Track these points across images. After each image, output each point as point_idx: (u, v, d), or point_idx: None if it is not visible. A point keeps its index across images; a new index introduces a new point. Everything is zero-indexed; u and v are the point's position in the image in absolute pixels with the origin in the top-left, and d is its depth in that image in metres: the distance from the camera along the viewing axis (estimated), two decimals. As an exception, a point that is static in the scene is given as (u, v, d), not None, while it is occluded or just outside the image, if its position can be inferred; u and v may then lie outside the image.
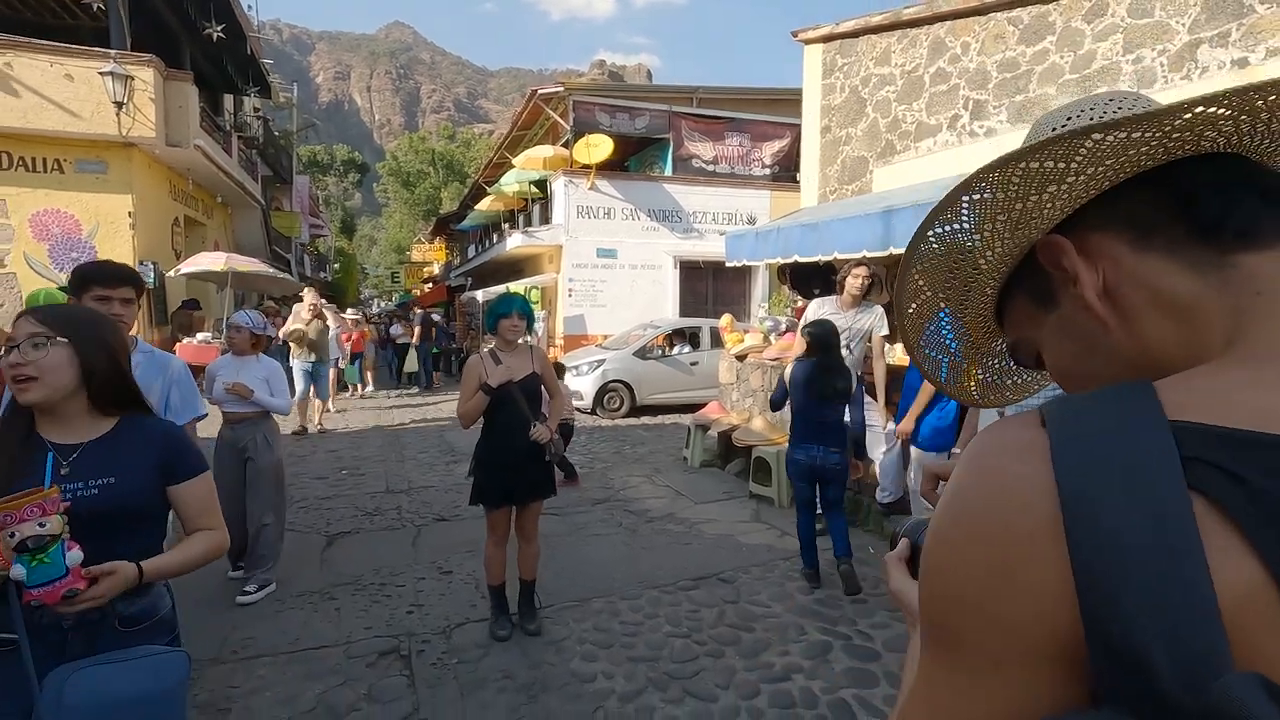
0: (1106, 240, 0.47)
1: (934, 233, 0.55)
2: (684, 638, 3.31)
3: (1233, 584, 0.32)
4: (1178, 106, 0.42)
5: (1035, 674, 0.37)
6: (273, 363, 4.04)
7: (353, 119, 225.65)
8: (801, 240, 5.74)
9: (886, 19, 6.38)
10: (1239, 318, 0.43)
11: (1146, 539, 0.33)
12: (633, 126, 14.96)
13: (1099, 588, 0.34)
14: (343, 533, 4.86)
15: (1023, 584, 0.37)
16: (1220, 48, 4.03)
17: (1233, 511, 0.33)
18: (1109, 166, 0.45)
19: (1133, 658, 0.32)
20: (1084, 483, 0.36)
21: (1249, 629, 0.31)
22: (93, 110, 9.34)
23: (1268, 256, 0.43)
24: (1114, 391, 0.40)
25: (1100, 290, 0.47)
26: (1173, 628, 0.32)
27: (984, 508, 0.39)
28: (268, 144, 18.88)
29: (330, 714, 2.68)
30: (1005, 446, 0.40)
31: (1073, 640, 0.35)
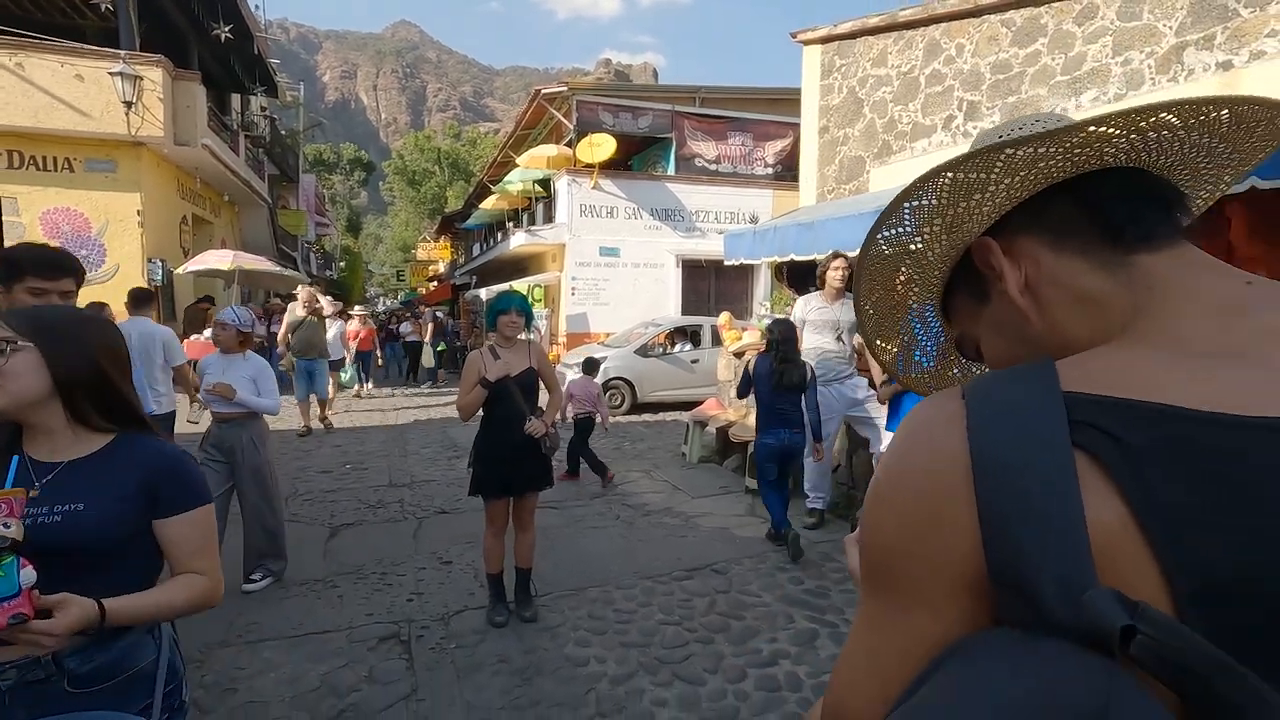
0: (1029, 242, 0.54)
1: (883, 235, 0.61)
2: (675, 625, 3.40)
3: (1104, 522, 0.39)
4: (1075, 125, 0.49)
5: (954, 605, 0.44)
6: (260, 361, 3.91)
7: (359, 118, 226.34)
8: (798, 239, 5.82)
9: (883, 21, 6.45)
10: (1134, 309, 0.49)
11: (1035, 487, 0.40)
12: (636, 126, 15.05)
13: (997, 528, 0.41)
14: (346, 524, 4.97)
15: (944, 529, 0.44)
16: (1206, 50, 4.10)
17: (1107, 464, 0.40)
18: (1024, 177, 0.52)
19: (1022, 583, 0.40)
20: (989, 444, 0.43)
21: (1115, 557, 0.38)
22: (102, 110, 9.49)
23: (1160, 256, 0.50)
24: (1021, 369, 0.47)
25: (1022, 286, 0.53)
26: (1052, 557, 0.39)
27: (912, 468, 0.47)
28: (274, 143, 19.06)
29: (333, 694, 2.79)
30: (930, 417, 0.48)
31: (980, 574, 0.42)
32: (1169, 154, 0.54)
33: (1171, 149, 0.53)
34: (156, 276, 10.22)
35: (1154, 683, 0.35)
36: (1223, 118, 0.51)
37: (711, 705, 2.74)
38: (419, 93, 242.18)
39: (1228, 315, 0.47)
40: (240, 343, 3.90)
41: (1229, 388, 0.41)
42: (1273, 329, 0.44)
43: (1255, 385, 0.41)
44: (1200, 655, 0.34)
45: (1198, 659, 0.34)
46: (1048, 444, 0.41)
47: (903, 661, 0.46)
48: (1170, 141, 0.52)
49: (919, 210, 0.57)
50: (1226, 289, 0.49)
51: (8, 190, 9.42)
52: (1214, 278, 0.50)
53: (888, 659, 0.48)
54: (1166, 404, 0.40)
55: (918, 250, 0.61)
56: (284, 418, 9.25)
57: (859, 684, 0.50)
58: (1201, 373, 0.43)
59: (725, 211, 15.00)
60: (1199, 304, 0.48)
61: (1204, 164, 0.56)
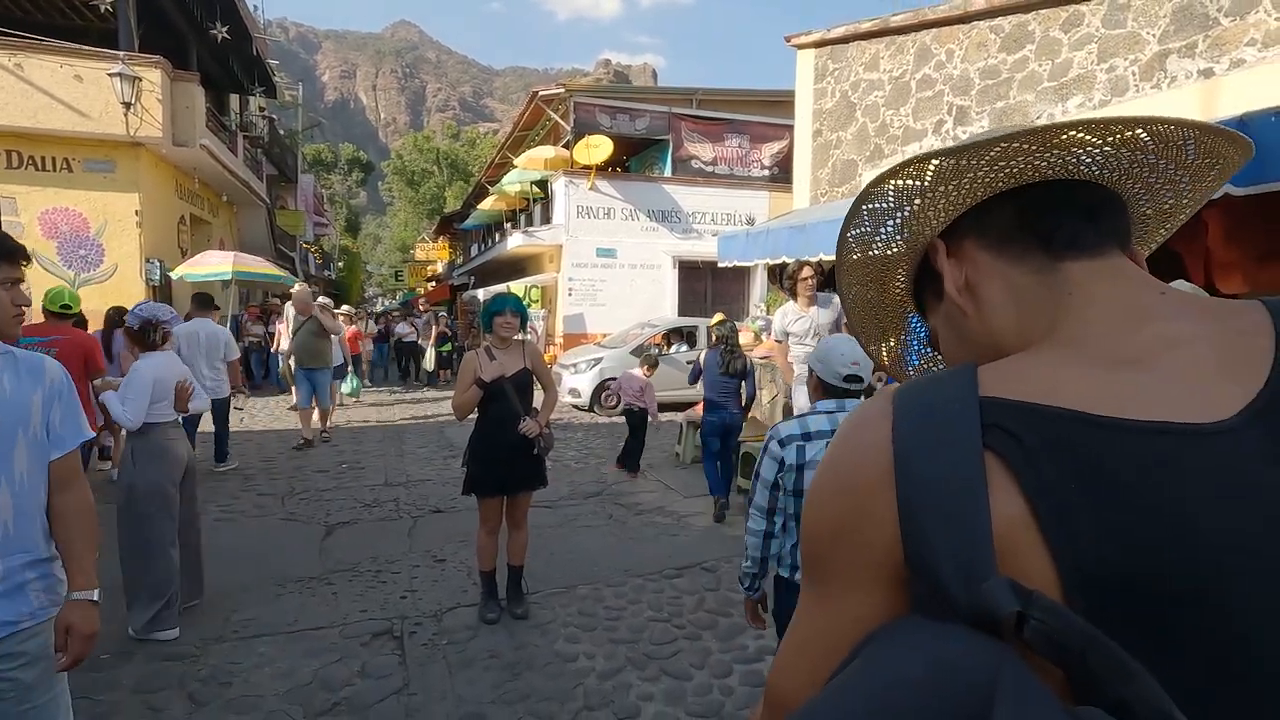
0: (972, 245, 0.58)
1: (851, 234, 0.65)
2: (664, 622, 3.46)
3: (1006, 516, 0.42)
4: (988, 141, 0.53)
5: (876, 593, 0.48)
6: (137, 365, 3.31)
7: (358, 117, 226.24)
8: (790, 241, 5.88)
9: (875, 26, 6.52)
10: (1054, 311, 0.53)
11: (947, 485, 0.44)
12: (633, 127, 15.12)
13: (913, 522, 0.45)
14: (341, 523, 5.02)
15: (868, 523, 0.48)
16: (1188, 58, 4.17)
17: (1010, 463, 0.43)
18: (957, 186, 0.56)
19: (931, 571, 0.43)
20: (909, 444, 0.47)
21: (1015, 548, 0.42)
22: (101, 110, 9.53)
23: (1085, 264, 0.53)
24: (946, 374, 0.51)
25: (961, 285, 0.58)
26: (957, 547, 0.42)
27: (844, 466, 0.51)
28: (273, 143, 19.09)
29: (326, 688, 2.84)
30: (862, 419, 0.52)
31: (899, 565, 0.46)
32: (1112, 169, 0.56)
33: (1112, 164, 0.56)
34: (154, 277, 10.27)
35: (1041, 662, 0.37)
36: (1140, 136, 0.54)
37: (697, 700, 2.80)
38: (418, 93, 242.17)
39: (1133, 323, 0.50)
40: (136, 342, 3.40)
41: (1119, 392, 0.45)
42: (1168, 337, 0.48)
43: (1141, 390, 0.45)
44: (1077, 633, 0.37)
45: (1075, 637, 0.37)
46: (961, 445, 0.45)
47: (831, 646, 0.49)
48: (1105, 157, 0.55)
49: (874, 212, 0.62)
50: (1136, 298, 0.52)
51: (6, 190, 9.48)
52: (1128, 287, 0.53)
53: (817, 644, 0.51)
54: (1063, 407, 0.44)
55: (878, 250, 0.65)
56: (280, 418, 9.31)
57: (792, 668, 0.54)
58: (1098, 378, 0.46)
59: (722, 213, 15.07)
60: (1109, 311, 0.51)
61: (1153, 178, 0.59)
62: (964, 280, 0.58)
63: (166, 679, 2.89)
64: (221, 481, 6.00)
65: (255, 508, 5.34)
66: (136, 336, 3.37)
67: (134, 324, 3.36)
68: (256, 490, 5.82)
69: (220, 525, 4.93)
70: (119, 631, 3.22)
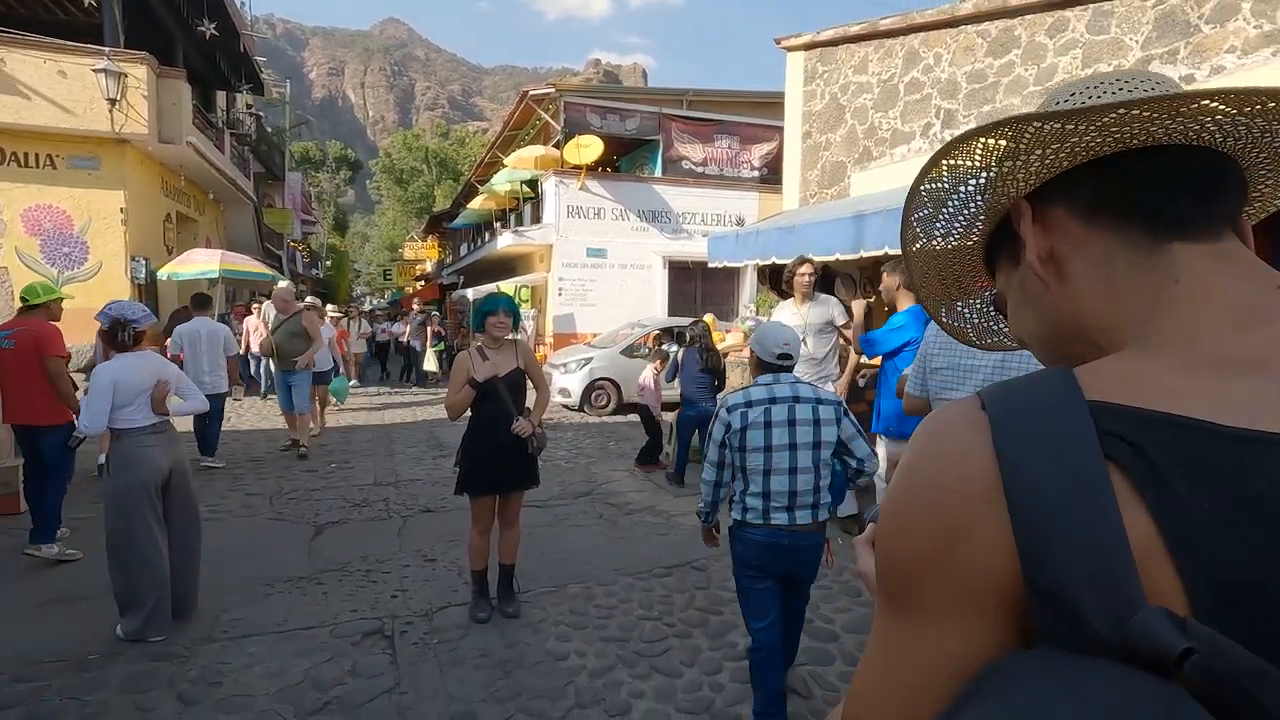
0: (1061, 212, 0.52)
1: (925, 188, 0.61)
2: (654, 620, 3.49)
3: (1136, 535, 0.38)
4: (1104, 106, 0.47)
5: (980, 622, 0.42)
6: (97, 370, 3.27)
7: (346, 115, 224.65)
8: (780, 242, 5.93)
9: (864, 29, 6.57)
10: (1156, 300, 0.47)
11: (1073, 499, 0.39)
12: (623, 128, 15.13)
13: (1035, 542, 0.39)
14: (331, 523, 5.01)
15: (974, 543, 0.42)
16: (1170, 64, 4.25)
17: (1132, 475, 0.39)
18: (1058, 150, 0.50)
19: (1064, 599, 0.38)
20: (1019, 453, 0.41)
21: (1147, 571, 0.37)
22: (86, 106, 9.43)
23: (1194, 249, 0.48)
24: (1042, 375, 0.46)
25: (1045, 254, 0.53)
26: (1097, 572, 0.37)
27: (935, 477, 0.45)
28: (260, 141, 18.94)
29: (317, 687, 2.84)
30: (951, 424, 0.46)
31: (1013, 589, 0.41)
32: (1239, 137, 0.50)
33: (1240, 132, 0.49)
34: (139, 275, 10.17)
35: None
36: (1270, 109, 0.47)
37: (687, 696, 2.83)
38: (407, 91, 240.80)
39: (1248, 320, 0.45)
40: (108, 342, 3.36)
41: (1243, 400, 0.40)
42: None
43: (1268, 398, 0.40)
44: (1247, 670, 0.33)
45: (1246, 675, 0.33)
46: (1082, 457, 0.40)
47: (927, 679, 0.44)
48: (1234, 124, 0.48)
49: (954, 169, 0.57)
50: (1253, 292, 0.47)
51: (-12, 187, 9.36)
52: (1243, 279, 0.47)
53: (910, 676, 0.46)
54: (1183, 415, 0.40)
55: (953, 207, 0.62)
56: (266, 417, 9.24)
57: (879, 701, 0.48)
58: (1217, 383, 0.42)
59: (712, 213, 15.12)
60: (1221, 306, 0.46)
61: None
62: (1049, 250, 0.53)
63: (155, 679, 2.88)
64: (209, 481, 5.96)
65: (243, 507, 5.32)
66: (106, 337, 3.33)
67: (104, 323, 3.31)
68: (244, 490, 5.79)
69: (208, 525, 4.84)
70: (107, 632, 3.21)
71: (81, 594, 3.60)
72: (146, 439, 3.27)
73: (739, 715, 2.70)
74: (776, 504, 2.44)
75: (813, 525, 2.48)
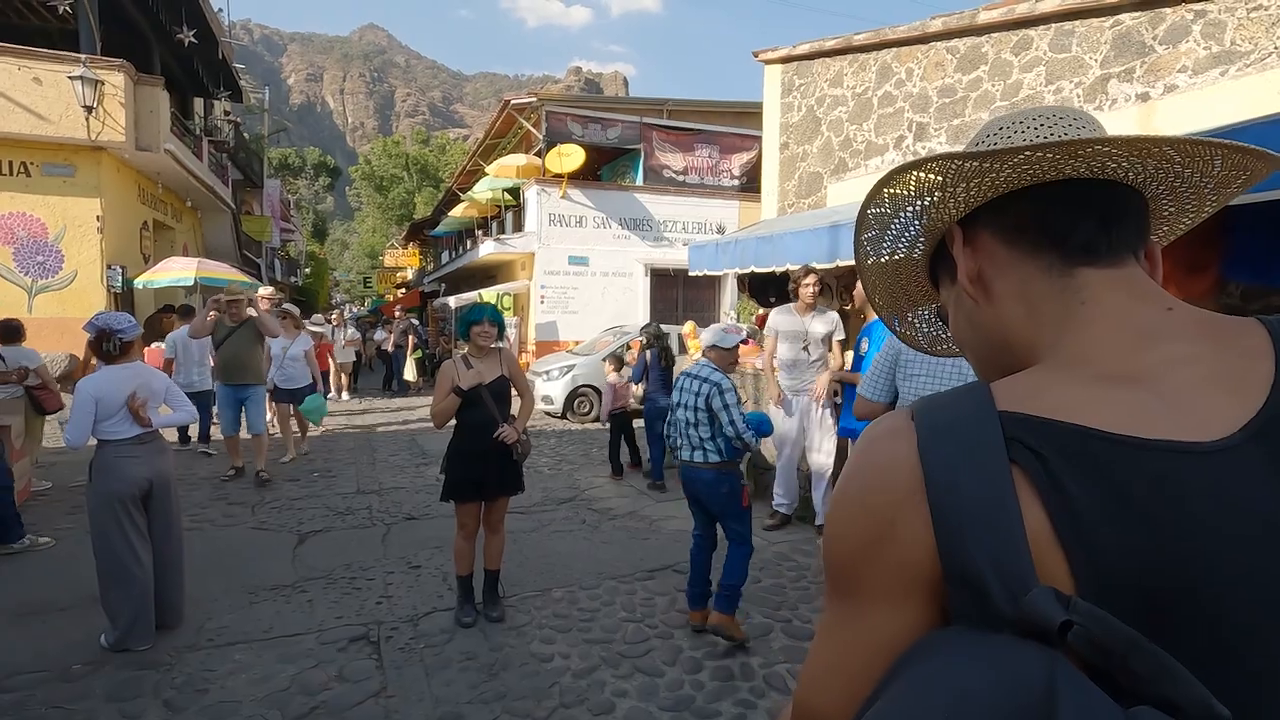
0: (988, 236, 0.59)
1: (871, 212, 0.67)
2: (637, 622, 3.56)
3: (1032, 527, 0.44)
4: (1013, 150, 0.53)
5: (908, 606, 0.49)
6: (80, 383, 3.25)
7: (325, 121, 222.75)
8: (758, 251, 6.04)
9: (839, 43, 6.75)
10: (1065, 320, 0.54)
11: (981, 497, 0.46)
12: (604, 137, 15.26)
13: (950, 534, 0.46)
14: (314, 531, 5.01)
15: (898, 536, 0.49)
16: (1126, 83, 4.45)
17: (1032, 476, 0.46)
18: (979, 184, 0.56)
19: (972, 583, 0.45)
20: (938, 459, 0.48)
21: (1041, 558, 0.44)
22: (61, 113, 9.34)
23: (1099, 273, 0.54)
24: (961, 390, 0.53)
25: (974, 275, 0.59)
26: (998, 559, 0.44)
27: (868, 483, 0.52)
28: (239, 148, 18.79)
29: (304, 692, 2.88)
30: (883, 436, 0.53)
31: (934, 576, 0.47)
32: (1138, 172, 0.56)
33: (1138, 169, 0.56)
34: (115, 283, 10.05)
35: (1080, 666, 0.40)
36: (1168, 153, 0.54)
37: (669, 694, 2.90)
38: (387, 97, 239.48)
39: (1139, 340, 0.51)
40: (93, 351, 3.38)
41: (1129, 410, 0.47)
42: (1172, 357, 0.50)
43: (1146, 409, 0.47)
44: (1119, 637, 0.39)
45: (1118, 641, 0.39)
46: (990, 459, 0.47)
47: (865, 662, 0.51)
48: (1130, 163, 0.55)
49: (893, 197, 0.63)
50: (1145, 314, 0.53)
51: (-40, 194, 9.22)
52: (1139, 302, 0.54)
53: (852, 657, 0.52)
54: (1076, 424, 0.46)
55: (896, 230, 0.68)
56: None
57: (826, 682, 0.54)
58: (1109, 395, 0.48)
59: (693, 221, 15.28)
60: (1120, 327, 0.52)
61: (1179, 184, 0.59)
62: (977, 271, 0.59)
63: (141, 687, 2.89)
64: (190, 490, 5.93)
65: (225, 517, 5.30)
66: (93, 347, 3.34)
67: (91, 333, 3.32)
68: (226, 499, 5.77)
69: (190, 534, 4.85)
70: (90, 642, 3.21)
71: (62, 604, 3.59)
72: (128, 449, 3.27)
73: (719, 712, 2.78)
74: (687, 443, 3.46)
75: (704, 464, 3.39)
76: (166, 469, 3.44)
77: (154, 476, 3.34)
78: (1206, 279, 3.28)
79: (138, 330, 3.47)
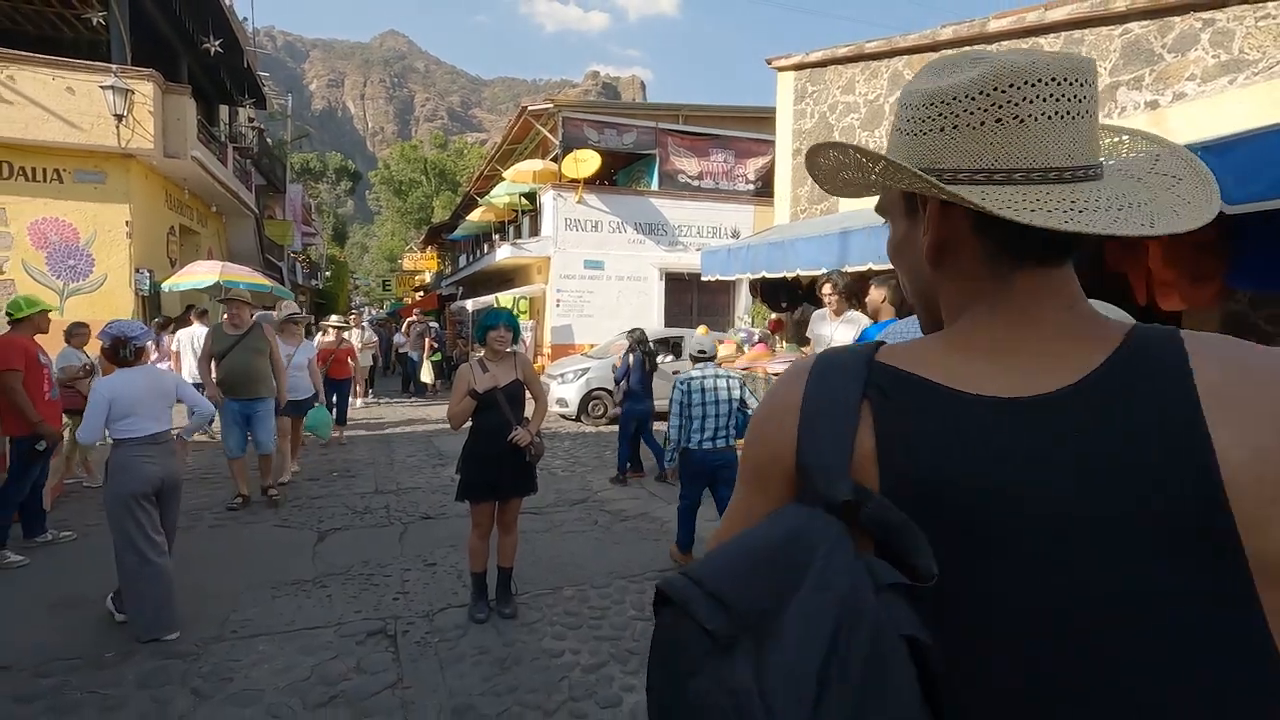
0: (962, 215, 0.61)
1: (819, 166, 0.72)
2: (646, 620, 3.64)
3: (862, 444, 0.58)
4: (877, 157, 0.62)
5: (782, 488, 0.63)
6: (95, 384, 3.50)
7: (346, 126, 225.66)
8: (769, 257, 6.12)
9: (851, 51, 6.80)
10: (976, 300, 0.62)
11: (831, 415, 0.60)
12: (620, 142, 15.39)
13: (805, 440, 0.61)
14: (334, 529, 5.16)
15: (777, 440, 0.64)
16: (1136, 90, 4.46)
17: (875, 410, 0.59)
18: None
19: (808, 475, 0.59)
20: (815, 390, 0.63)
21: (862, 466, 0.58)
22: (92, 122, 9.62)
23: (1021, 275, 0.60)
24: (859, 346, 0.65)
25: (938, 244, 0.63)
26: (827, 460, 0.59)
27: (772, 404, 0.67)
28: (262, 154, 19.17)
29: (324, 682, 3.00)
30: (790, 372, 0.68)
31: (792, 469, 0.62)
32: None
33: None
34: (144, 287, 10.33)
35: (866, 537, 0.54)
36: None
37: (675, 690, 2.98)
38: (406, 102, 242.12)
39: (1022, 329, 0.59)
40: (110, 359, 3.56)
41: (964, 371, 0.58)
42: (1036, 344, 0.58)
43: (985, 375, 0.58)
44: (894, 519, 0.53)
45: (893, 521, 0.53)
46: (849, 395, 0.61)
47: (748, 523, 0.63)
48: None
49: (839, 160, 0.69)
50: (1042, 310, 0.60)
51: (-4, 200, 9.54)
52: (1045, 299, 0.60)
53: (739, 522, 0.67)
54: (921, 376, 0.59)
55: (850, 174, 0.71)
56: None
57: (722, 536, 0.69)
58: (961, 360, 0.59)
59: (708, 226, 15.34)
60: (1012, 320, 0.60)
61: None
62: (940, 241, 0.63)
63: (169, 675, 3.03)
64: (214, 490, 6.11)
65: (248, 514, 5.46)
66: (109, 353, 3.51)
67: (105, 341, 3.49)
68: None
69: (215, 531, 5.06)
70: (121, 632, 3.36)
71: (92, 596, 3.74)
72: (142, 449, 3.42)
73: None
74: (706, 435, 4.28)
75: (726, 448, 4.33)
76: (175, 471, 3.60)
77: (165, 476, 3.50)
78: (1211, 287, 3.31)
79: (150, 336, 3.68)
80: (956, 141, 0.59)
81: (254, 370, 5.53)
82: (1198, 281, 3.27)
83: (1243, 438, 0.50)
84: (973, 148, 0.59)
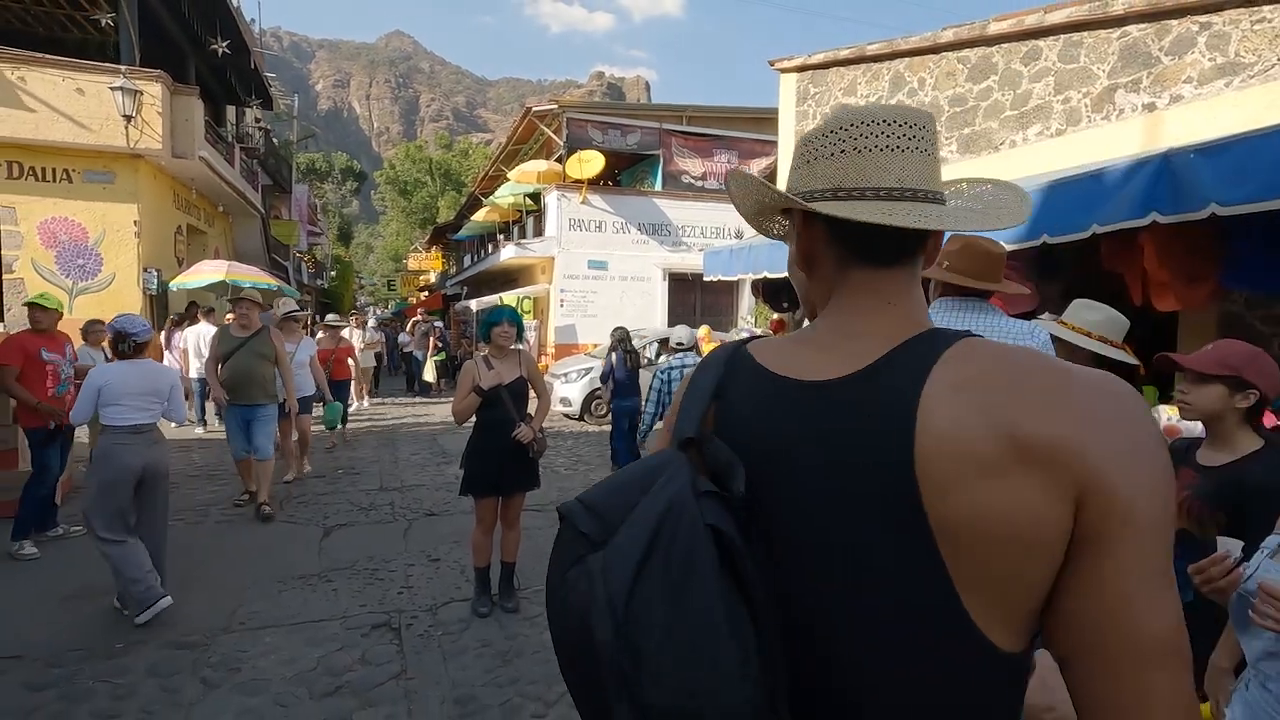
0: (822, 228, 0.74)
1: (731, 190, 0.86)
2: (645, 615, 3.69)
3: (712, 410, 0.77)
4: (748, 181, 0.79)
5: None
6: (90, 371, 3.74)
7: (351, 126, 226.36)
8: (772, 257, 6.15)
9: (853, 53, 6.84)
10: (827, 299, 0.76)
11: (697, 391, 0.79)
12: (624, 143, 15.45)
13: (682, 408, 0.79)
14: (339, 525, 5.22)
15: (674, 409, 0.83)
16: (1134, 93, 4.50)
17: (720, 387, 0.77)
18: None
19: (677, 431, 0.76)
20: (697, 374, 0.82)
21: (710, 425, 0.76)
22: (101, 123, 9.72)
23: (865, 273, 0.72)
24: (737, 341, 0.83)
25: (805, 254, 0.77)
26: (687, 419, 0.76)
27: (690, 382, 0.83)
28: (268, 154, 19.29)
29: (329, 673, 3.06)
30: (708, 358, 0.84)
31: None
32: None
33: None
34: (151, 286, 10.43)
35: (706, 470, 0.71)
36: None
37: (674, 683, 3.03)
38: (411, 102, 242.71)
39: (848, 324, 0.72)
40: (113, 350, 3.78)
41: (790, 358, 0.74)
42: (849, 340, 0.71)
43: (804, 360, 0.72)
44: (724, 457, 0.70)
45: (723, 458, 0.70)
46: (710, 377, 0.79)
47: None
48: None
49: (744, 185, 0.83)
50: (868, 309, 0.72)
51: (6, 200, 9.64)
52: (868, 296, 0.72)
53: None
54: (758, 362, 0.76)
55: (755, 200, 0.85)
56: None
57: None
58: (793, 351, 0.75)
59: (711, 226, 15.39)
60: (843, 314, 0.73)
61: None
62: (807, 252, 0.77)
63: (178, 664, 3.10)
64: (221, 486, 6.19)
65: (255, 510, 5.53)
66: (111, 345, 3.77)
67: (109, 334, 3.74)
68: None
69: (222, 526, 5.13)
70: (129, 624, 3.43)
71: (101, 589, 3.81)
72: (124, 438, 3.54)
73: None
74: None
75: None
76: (158, 461, 3.68)
77: (146, 465, 3.59)
78: (1205, 288, 3.35)
79: (150, 334, 3.80)
80: (815, 170, 0.73)
81: (256, 375, 5.44)
82: (1193, 282, 3.31)
83: (943, 420, 0.61)
84: (826, 173, 0.72)
